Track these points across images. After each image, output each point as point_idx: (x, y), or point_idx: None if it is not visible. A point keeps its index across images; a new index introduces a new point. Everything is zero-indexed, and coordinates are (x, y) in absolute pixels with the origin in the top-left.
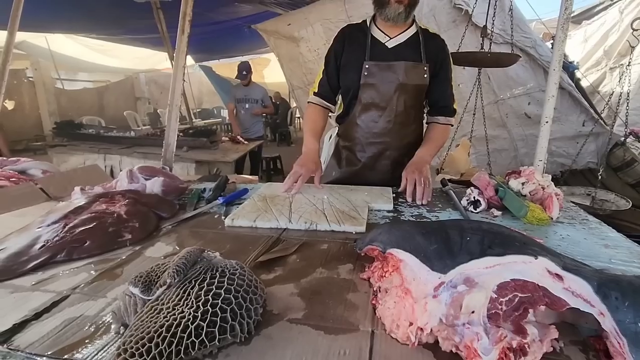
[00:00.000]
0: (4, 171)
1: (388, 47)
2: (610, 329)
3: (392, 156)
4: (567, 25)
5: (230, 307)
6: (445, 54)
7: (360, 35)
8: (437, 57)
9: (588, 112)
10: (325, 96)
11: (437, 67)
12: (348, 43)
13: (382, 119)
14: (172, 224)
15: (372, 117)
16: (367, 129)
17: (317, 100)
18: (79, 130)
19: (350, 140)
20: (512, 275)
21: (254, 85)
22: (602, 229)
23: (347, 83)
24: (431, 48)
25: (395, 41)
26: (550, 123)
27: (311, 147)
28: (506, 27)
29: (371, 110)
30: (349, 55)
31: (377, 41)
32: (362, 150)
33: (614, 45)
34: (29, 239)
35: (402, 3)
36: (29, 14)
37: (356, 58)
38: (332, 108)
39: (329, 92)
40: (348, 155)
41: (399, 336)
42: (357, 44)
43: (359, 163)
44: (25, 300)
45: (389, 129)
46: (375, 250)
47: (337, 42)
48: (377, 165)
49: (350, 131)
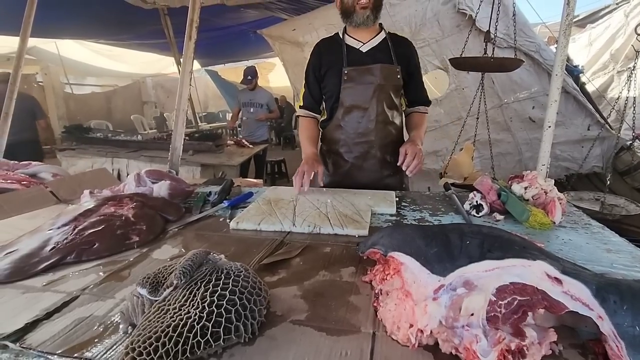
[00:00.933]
0: (15, 174)
1: (363, 52)
2: (608, 332)
3: (377, 155)
4: (569, 30)
5: (235, 308)
6: (414, 54)
7: (335, 45)
8: (407, 59)
9: (593, 116)
10: (311, 107)
11: (411, 67)
12: (325, 55)
13: (365, 119)
14: (178, 227)
15: (355, 118)
16: (352, 129)
17: (304, 112)
18: (87, 134)
19: (335, 142)
20: (511, 279)
21: (259, 89)
22: (604, 234)
23: (329, 89)
24: (401, 50)
25: (368, 45)
26: (553, 128)
27: (310, 151)
28: (510, 31)
29: (353, 112)
30: (327, 65)
31: (352, 48)
32: (349, 151)
33: (620, 49)
34: (40, 240)
35: (367, 8)
36: (40, 20)
37: (335, 66)
38: (318, 117)
39: (312, 103)
40: (334, 158)
41: (400, 338)
42: (334, 54)
43: (347, 164)
44: (36, 300)
45: (372, 128)
46: (377, 254)
47: (314, 56)
48: (365, 165)
49: (334, 134)
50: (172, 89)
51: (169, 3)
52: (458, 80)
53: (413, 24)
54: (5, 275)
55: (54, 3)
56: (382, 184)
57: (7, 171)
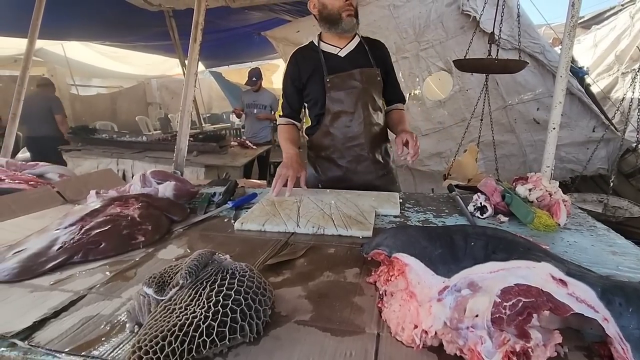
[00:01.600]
0: (23, 175)
1: (341, 57)
2: (614, 335)
3: (369, 156)
4: (574, 32)
5: (240, 307)
6: (388, 54)
7: (312, 53)
8: (383, 60)
9: (598, 118)
10: (290, 116)
11: (387, 68)
12: (303, 64)
13: (354, 123)
14: (183, 227)
15: (343, 123)
16: (341, 135)
17: (284, 120)
18: (93, 135)
19: (325, 149)
20: (516, 280)
21: (263, 90)
22: (610, 236)
23: (312, 97)
24: (377, 53)
25: (346, 50)
26: (557, 129)
27: (292, 152)
28: (514, 32)
29: (341, 117)
30: (307, 73)
31: (330, 54)
32: (342, 156)
33: (625, 50)
34: (47, 240)
35: (352, 16)
36: (47, 22)
37: (315, 74)
38: (297, 125)
39: (291, 112)
40: (326, 165)
41: (404, 339)
42: (311, 62)
43: (341, 169)
44: (44, 299)
45: (361, 131)
46: (381, 255)
47: (292, 66)
48: (359, 168)
49: (323, 140)
50: (176, 91)
51: (174, 5)
52: (462, 81)
53: (417, 26)
54: (14, 274)
55: (60, 5)
56: (377, 185)
57: (15, 171)
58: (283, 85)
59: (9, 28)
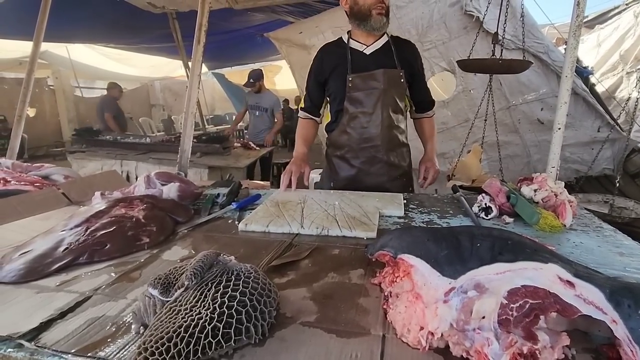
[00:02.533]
0: (28, 176)
1: (366, 54)
2: (623, 337)
3: (384, 159)
4: (579, 32)
5: (245, 309)
6: (418, 56)
7: (338, 50)
8: (411, 62)
9: (603, 118)
10: (310, 111)
11: (414, 70)
12: (328, 60)
13: (371, 124)
14: (187, 228)
15: (360, 123)
16: (358, 135)
17: (303, 114)
18: (97, 136)
19: (341, 147)
20: (522, 282)
21: (266, 92)
22: (616, 237)
23: (333, 92)
24: (403, 54)
25: (372, 48)
26: (562, 130)
27: (300, 151)
28: (518, 32)
29: (359, 118)
30: (330, 69)
31: (356, 51)
32: (356, 156)
33: (630, 50)
34: (53, 241)
35: (382, 14)
36: (52, 25)
37: (339, 71)
38: (317, 120)
39: (312, 107)
40: (341, 164)
41: (410, 340)
42: (337, 58)
43: (354, 169)
44: (50, 300)
45: (378, 133)
46: (386, 256)
47: (317, 61)
48: (372, 169)
49: (340, 139)
50: (179, 92)
51: (177, 7)
52: (465, 82)
53: (420, 26)
54: (20, 275)
55: (65, 8)
56: (388, 188)
57: (21, 173)
58: (307, 78)
59: (14, 31)
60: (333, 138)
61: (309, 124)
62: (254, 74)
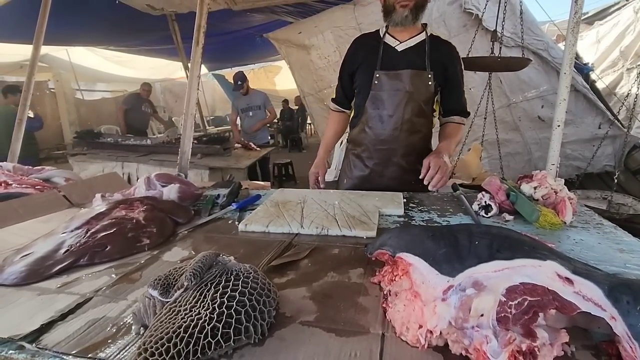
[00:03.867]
0: (29, 179)
1: (398, 51)
2: (622, 333)
3: (399, 163)
4: (578, 28)
5: (244, 309)
6: (455, 60)
7: (373, 42)
8: (444, 64)
9: (604, 115)
10: (341, 102)
11: (448, 74)
12: (360, 51)
13: (389, 126)
14: (187, 229)
15: (379, 124)
16: (375, 135)
17: (333, 106)
18: (98, 139)
19: (359, 145)
20: (521, 279)
21: (253, 92)
22: (617, 234)
23: (359, 85)
24: (438, 55)
25: (405, 45)
26: (562, 127)
27: (321, 155)
28: (517, 30)
29: (378, 118)
30: (361, 60)
31: (388, 46)
32: (370, 157)
33: (630, 46)
34: (54, 244)
35: (406, 7)
36: (52, 28)
37: (368, 64)
38: (348, 112)
39: (343, 98)
40: (357, 162)
41: (409, 339)
42: (370, 51)
43: (367, 169)
44: (51, 302)
45: (395, 136)
46: (385, 255)
47: (351, 51)
48: (385, 172)
49: (359, 137)
50: (180, 94)
51: (176, 9)
52: (465, 80)
53: None
54: (22, 277)
55: (65, 11)
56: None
57: (22, 176)
58: (340, 68)
59: (14, 35)
60: (353, 135)
61: (339, 117)
62: (239, 76)
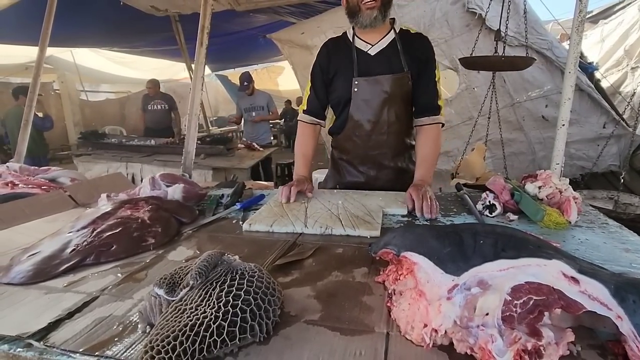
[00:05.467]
0: (36, 179)
1: (371, 55)
2: (628, 333)
3: (391, 165)
4: (582, 28)
5: (249, 308)
6: (428, 52)
7: (344, 48)
8: (418, 58)
9: (609, 114)
10: (315, 113)
11: (420, 67)
12: (333, 57)
13: (376, 133)
14: (192, 229)
15: (365, 131)
16: (362, 143)
17: (307, 118)
18: (102, 139)
19: (347, 153)
20: (526, 278)
21: (257, 92)
22: (622, 233)
23: (337, 96)
24: (411, 50)
25: (377, 47)
26: (566, 126)
27: (301, 173)
28: (521, 29)
29: (364, 126)
30: (335, 69)
31: (361, 51)
32: (362, 163)
33: (635, 45)
34: (60, 243)
35: (374, 8)
36: (57, 30)
37: (344, 72)
38: (322, 123)
39: (317, 108)
40: (349, 168)
41: (414, 337)
42: (343, 57)
43: (362, 175)
44: (58, 300)
45: (384, 141)
46: (389, 254)
47: (323, 58)
48: (380, 175)
49: (346, 145)
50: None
51: (180, 10)
52: (468, 79)
53: (422, 25)
54: (29, 276)
55: (70, 13)
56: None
57: (29, 176)
58: (312, 76)
59: (20, 37)
60: (338, 142)
61: (311, 132)
62: (245, 77)
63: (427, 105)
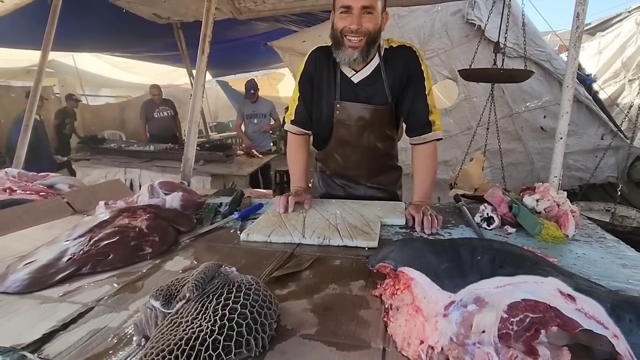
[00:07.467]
0: (34, 186)
1: (354, 82)
2: (624, 352)
3: (368, 184)
4: (579, 43)
5: (245, 321)
6: (414, 65)
7: (329, 66)
8: (405, 75)
9: (607, 126)
10: (303, 123)
11: (408, 84)
12: (319, 72)
13: (356, 154)
14: (190, 238)
15: (345, 151)
16: (343, 161)
17: (295, 129)
18: (101, 144)
19: (329, 168)
20: (523, 295)
21: (261, 100)
22: (620, 248)
23: (319, 116)
24: (396, 68)
25: (360, 75)
26: (564, 139)
27: (299, 185)
28: (520, 41)
29: (345, 146)
30: (320, 86)
31: (344, 76)
32: (342, 178)
33: (632, 57)
34: (57, 251)
35: (356, 48)
36: (59, 35)
37: (327, 92)
38: (310, 134)
39: (306, 117)
40: (329, 182)
41: (410, 354)
42: (327, 77)
43: (341, 189)
44: (53, 311)
45: (360, 161)
46: (387, 268)
47: (310, 66)
48: (357, 192)
49: (327, 161)
50: (183, 100)
51: (182, 18)
52: (467, 90)
53: (422, 35)
54: (24, 285)
55: (72, 18)
56: None
57: (27, 182)
58: (300, 84)
59: (21, 40)
60: (321, 156)
61: (302, 142)
62: (251, 84)
63: (417, 124)
